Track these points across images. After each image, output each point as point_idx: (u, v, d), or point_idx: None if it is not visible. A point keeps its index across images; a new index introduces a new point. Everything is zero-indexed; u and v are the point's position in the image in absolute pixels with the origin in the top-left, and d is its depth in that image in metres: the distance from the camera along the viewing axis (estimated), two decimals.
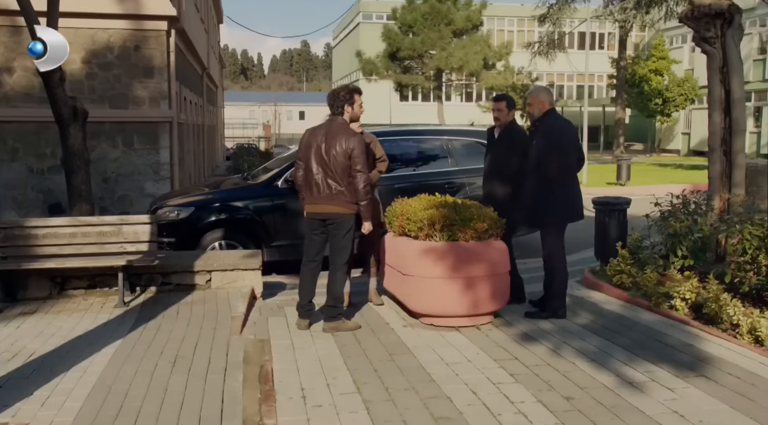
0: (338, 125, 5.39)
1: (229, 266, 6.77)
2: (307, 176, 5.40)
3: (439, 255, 5.50)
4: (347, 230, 5.44)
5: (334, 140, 5.29)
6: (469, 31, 31.92)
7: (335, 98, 5.44)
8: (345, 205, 5.35)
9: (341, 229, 5.41)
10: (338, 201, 5.33)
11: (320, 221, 5.46)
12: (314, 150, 5.35)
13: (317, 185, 5.33)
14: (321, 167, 5.31)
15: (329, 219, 5.41)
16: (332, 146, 5.28)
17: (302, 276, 5.64)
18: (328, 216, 5.40)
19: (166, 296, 6.51)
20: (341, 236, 5.43)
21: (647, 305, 6.08)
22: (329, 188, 5.31)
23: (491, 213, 5.76)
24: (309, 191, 5.40)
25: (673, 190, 16.98)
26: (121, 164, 13.60)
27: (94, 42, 13.30)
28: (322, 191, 5.33)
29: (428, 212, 5.68)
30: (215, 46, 32.26)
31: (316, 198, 5.37)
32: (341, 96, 5.43)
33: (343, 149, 5.27)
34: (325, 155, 5.30)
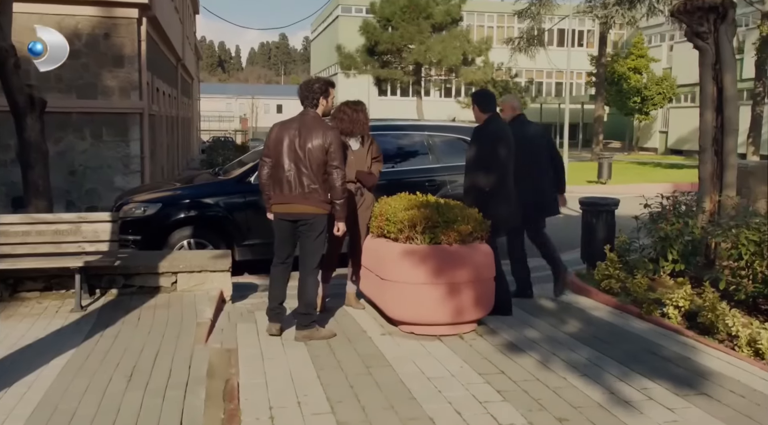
0: (312, 118, 5.06)
1: (196, 267, 6.36)
2: (276, 173, 5.03)
3: (420, 259, 5.14)
4: (320, 232, 5.10)
5: (310, 133, 4.94)
6: (449, 26, 31.49)
7: (309, 90, 5.09)
8: (319, 204, 5.02)
9: (314, 230, 5.06)
10: (312, 200, 4.99)
11: (290, 222, 5.09)
12: (286, 145, 4.97)
13: (289, 182, 4.97)
14: (294, 164, 4.95)
15: (302, 220, 5.05)
16: (308, 140, 4.93)
17: (272, 278, 5.28)
18: (301, 217, 5.03)
19: (127, 299, 6.08)
20: (313, 238, 5.08)
21: (638, 313, 5.78)
22: (303, 186, 4.95)
23: (476, 215, 5.41)
24: (279, 189, 5.03)
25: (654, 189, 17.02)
26: (89, 157, 13.11)
27: (60, 29, 12.55)
28: (294, 190, 4.97)
29: (409, 212, 5.32)
30: (191, 36, 31.56)
31: (288, 197, 5.00)
32: (316, 88, 5.10)
33: (320, 144, 4.92)
34: (300, 151, 4.94)
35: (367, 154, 5.97)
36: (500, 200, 5.75)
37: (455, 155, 8.78)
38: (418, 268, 5.14)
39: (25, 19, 12.60)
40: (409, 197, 5.89)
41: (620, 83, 35.56)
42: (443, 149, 8.81)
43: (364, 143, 5.98)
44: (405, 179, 8.47)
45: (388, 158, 8.76)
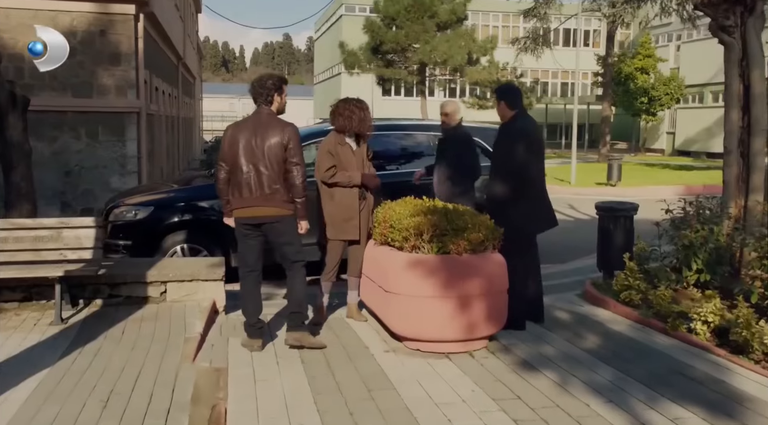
0: (268, 116, 4.81)
1: (187, 276, 5.94)
2: (235, 176, 4.76)
3: (427, 270, 4.72)
4: (290, 232, 4.85)
5: (267, 132, 4.71)
6: (454, 25, 31.05)
7: (262, 87, 4.81)
8: (282, 205, 4.77)
9: (282, 231, 4.82)
10: (275, 201, 4.74)
11: (254, 226, 4.82)
12: (243, 146, 4.71)
13: (249, 185, 4.71)
14: (253, 165, 4.70)
15: (266, 223, 4.79)
16: (265, 139, 4.69)
17: (244, 292, 4.97)
18: (264, 220, 4.77)
19: (113, 310, 5.67)
20: (286, 238, 4.85)
21: (661, 328, 5.35)
22: (263, 187, 4.70)
23: (487, 222, 4.98)
24: (238, 193, 4.76)
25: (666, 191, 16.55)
26: (84, 157, 12.74)
27: (55, 25, 12.19)
28: (254, 192, 4.71)
29: (415, 219, 4.90)
30: (193, 35, 31.21)
31: (248, 200, 4.74)
32: (269, 84, 4.82)
33: (279, 141, 4.69)
34: (257, 150, 4.69)
35: (365, 154, 5.58)
36: (534, 203, 5.37)
37: None
38: (425, 280, 4.72)
39: (19, 15, 12.26)
40: (415, 202, 5.48)
41: (627, 83, 35.02)
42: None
43: (361, 144, 5.60)
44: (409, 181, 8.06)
45: (391, 159, 8.40)
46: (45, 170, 12.45)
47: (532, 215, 5.37)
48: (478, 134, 8.58)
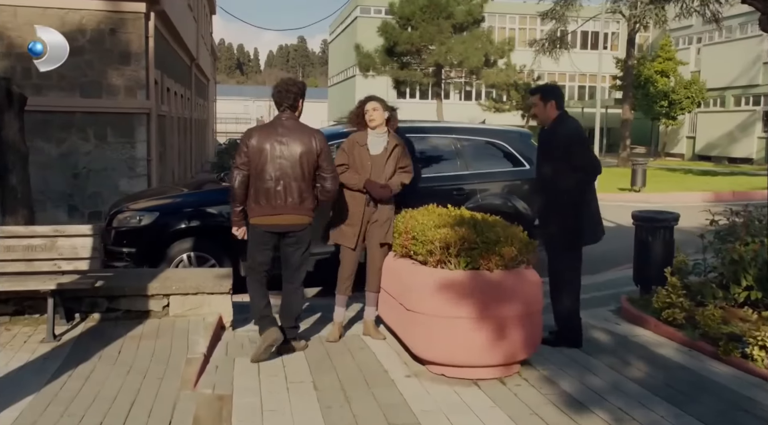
0: (295, 122, 4.70)
1: (191, 288, 5.49)
2: (261, 183, 4.61)
3: (456, 289, 4.25)
4: (307, 244, 4.80)
5: (297, 139, 4.60)
6: (470, 26, 30.54)
7: (287, 91, 4.68)
8: (309, 213, 4.72)
9: (302, 242, 4.75)
10: (303, 210, 4.67)
11: (276, 234, 4.71)
12: (270, 154, 4.58)
13: (278, 193, 4.60)
14: (282, 172, 4.58)
15: (291, 232, 4.69)
16: (296, 146, 4.58)
17: (251, 287, 4.85)
18: (291, 229, 4.67)
19: (110, 326, 5.23)
20: (302, 252, 4.77)
21: (712, 352, 4.84)
22: (293, 196, 4.60)
23: (521, 234, 4.50)
24: (265, 200, 4.62)
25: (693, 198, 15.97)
26: (93, 159, 12.38)
27: (64, 23, 12.00)
28: (285, 200, 4.60)
29: (441, 231, 4.42)
30: (206, 37, 30.92)
31: (276, 208, 4.61)
32: (295, 89, 4.70)
33: (310, 149, 4.60)
34: (289, 158, 4.58)
35: (387, 160, 5.10)
36: (586, 211, 5.07)
37: (486, 160, 7.88)
38: (452, 299, 4.24)
39: (27, 13, 11.91)
40: (440, 211, 5.01)
41: (647, 87, 34.35)
42: (473, 155, 7.87)
43: (386, 149, 5.12)
44: (430, 187, 7.58)
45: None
46: (52, 172, 12.14)
47: (590, 223, 5.11)
48: (502, 136, 8.09)
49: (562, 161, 4.93)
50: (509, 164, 7.91)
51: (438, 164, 8.00)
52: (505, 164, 7.90)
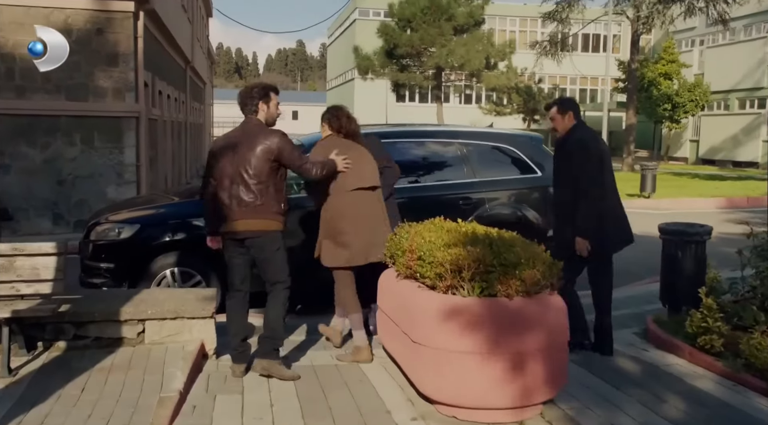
0: (254, 126, 4.55)
1: (169, 312, 4.89)
2: (219, 191, 4.49)
3: (469, 319, 3.66)
4: (276, 248, 4.53)
5: (252, 142, 4.46)
6: (471, 28, 30.05)
7: (248, 96, 4.60)
8: (269, 216, 4.47)
9: (267, 247, 4.50)
10: (261, 214, 4.45)
11: (238, 241, 4.52)
12: (228, 158, 4.46)
13: (232, 197, 4.44)
14: (238, 176, 4.43)
15: (249, 238, 4.48)
16: (251, 148, 4.44)
17: (229, 311, 4.66)
18: (249, 234, 4.46)
19: (77, 356, 4.63)
20: (270, 254, 4.52)
21: (761, 387, 4.26)
22: (247, 199, 4.42)
23: (544, 255, 3.91)
24: (223, 206, 4.47)
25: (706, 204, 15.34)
26: (79, 165, 11.88)
27: (48, 23, 11.43)
28: (239, 205, 4.43)
29: (452, 251, 3.83)
30: (203, 39, 30.34)
31: (233, 213, 4.44)
32: (254, 93, 4.60)
33: (265, 150, 4.43)
34: (243, 161, 4.43)
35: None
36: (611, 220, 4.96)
37: (494, 167, 7.31)
38: (465, 330, 3.65)
39: (11, 12, 11.35)
40: (449, 226, 4.42)
41: (650, 90, 33.81)
42: (480, 161, 7.29)
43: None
44: (433, 196, 7.01)
45: (412, 170, 7.33)
46: (36, 178, 11.65)
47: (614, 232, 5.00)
48: (511, 141, 7.50)
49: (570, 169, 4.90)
50: (519, 170, 7.34)
51: (442, 171, 7.42)
52: (514, 170, 7.34)
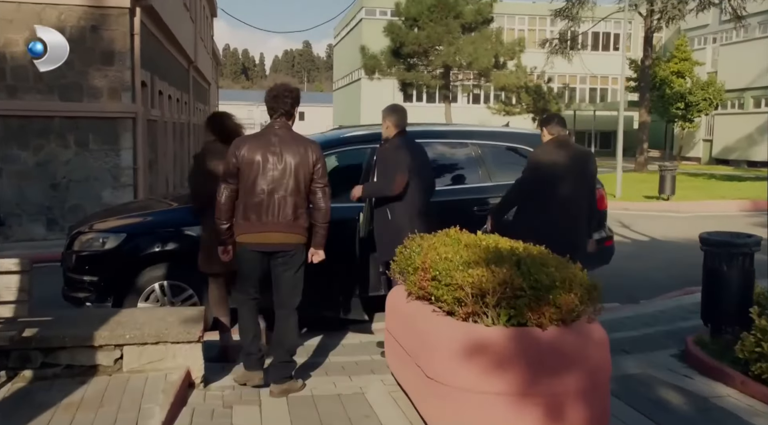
0: (290, 132, 4.32)
1: (150, 336, 4.32)
2: (250, 198, 4.22)
3: (494, 352, 3.08)
4: (301, 264, 4.37)
5: (292, 150, 4.22)
6: (479, 26, 29.43)
7: (283, 97, 4.28)
8: (303, 232, 4.31)
9: (295, 263, 4.32)
10: (297, 228, 4.27)
11: (265, 253, 4.29)
12: (263, 165, 4.19)
13: (269, 208, 4.20)
14: (275, 186, 4.19)
15: (281, 252, 4.26)
16: (292, 157, 4.21)
17: (242, 316, 4.42)
18: (281, 247, 4.24)
19: (44, 388, 4.07)
20: (294, 272, 4.33)
21: None
22: (287, 212, 4.21)
23: (581, 276, 3.33)
24: (255, 216, 4.22)
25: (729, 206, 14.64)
26: (73, 168, 11.43)
27: (41, 20, 11.03)
28: (276, 217, 4.20)
29: (474, 272, 3.25)
30: (207, 39, 29.87)
31: (266, 225, 4.21)
32: (290, 95, 4.31)
33: (306, 161, 4.23)
34: (282, 171, 4.19)
35: None
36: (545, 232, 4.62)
37: (512, 170, 6.68)
38: (489, 366, 3.08)
39: (1, 8, 10.90)
40: (467, 239, 3.85)
41: (662, 88, 33.10)
42: (496, 163, 6.71)
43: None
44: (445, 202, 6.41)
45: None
46: (29, 182, 11.20)
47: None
48: (530, 141, 6.88)
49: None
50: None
51: (455, 174, 6.84)
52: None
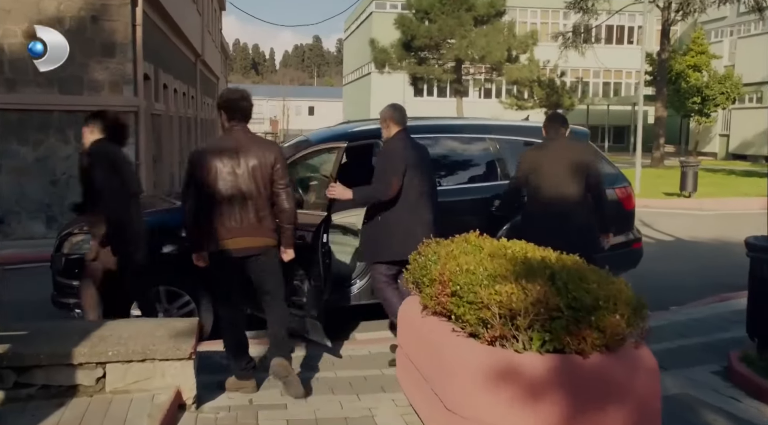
0: (249, 135, 4.30)
1: (136, 353, 3.88)
2: (216, 205, 4.16)
3: (527, 383, 2.61)
4: (276, 268, 4.33)
5: (253, 153, 4.20)
6: (492, 19, 28.87)
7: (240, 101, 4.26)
8: (270, 234, 4.28)
9: (269, 264, 4.29)
10: (263, 231, 4.25)
11: (238, 258, 4.22)
12: (224, 171, 4.13)
13: (232, 214, 4.17)
14: (239, 191, 4.15)
15: (252, 256, 4.23)
16: (252, 160, 4.19)
17: (228, 330, 4.33)
18: (250, 252, 4.21)
19: (15, 412, 3.63)
20: (270, 273, 4.31)
21: None
22: (251, 215, 4.20)
23: (626, 290, 2.85)
24: (219, 223, 4.17)
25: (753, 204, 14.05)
26: (73, 164, 10.77)
27: (39, 11, 10.69)
28: (239, 222, 4.17)
29: (502, 289, 2.78)
30: (215, 33, 29.46)
31: (232, 231, 4.17)
32: (247, 99, 4.30)
33: (267, 162, 4.21)
34: (245, 174, 4.17)
35: None
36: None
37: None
38: (521, 399, 2.61)
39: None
40: (490, 246, 3.37)
41: (678, 82, 32.40)
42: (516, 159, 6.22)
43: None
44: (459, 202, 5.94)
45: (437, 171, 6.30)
46: (28, 178, 10.83)
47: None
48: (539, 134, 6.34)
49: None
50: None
51: (470, 171, 6.37)
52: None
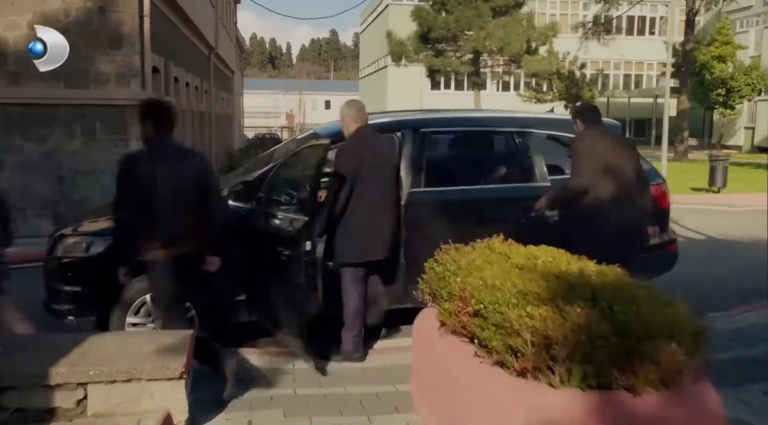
0: (174, 144, 4.34)
1: (120, 373, 3.47)
2: (150, 213, 4.09)
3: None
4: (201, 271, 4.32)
5: (182, 161, 4.23)
6: (510, 10, 28.28)
7: (166, 111, 4.29)
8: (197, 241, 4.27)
9: (195, 270, 4.29)
10: (190, 237, 4.19)
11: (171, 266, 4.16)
12: (157, 179, 4.09)
13: (166, 221, 4.11)
14: (167, 198, 4.10)
15: (183, 263, 4.17)
16: (182, 168, 4.18)
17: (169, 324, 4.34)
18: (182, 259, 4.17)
19: None
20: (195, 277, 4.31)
21: None
22: (181, 221, 4.13)
23: (684, 314, 2.39)
24: (153, 231, 4.12)
25: None
26: (80, 159, 10.75)
27: (44, 2, 10.34)
28: (171, 228, 4.12)
29: (537, 312, 2.32)
30: (229, 26, 29.12)
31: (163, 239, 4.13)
32: (172, 109, 4.34)
33: (194, 171, 4.20)
34: (171, 183, 4.12)
35: None
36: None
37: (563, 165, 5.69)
38: None
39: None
40: (519, 256, 2.92)
41: (702, 74, 31.60)
42: (547, 156, 5.66)
43: None
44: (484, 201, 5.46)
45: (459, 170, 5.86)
46: (33, 175, 10.49)
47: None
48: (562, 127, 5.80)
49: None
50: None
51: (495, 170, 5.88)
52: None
